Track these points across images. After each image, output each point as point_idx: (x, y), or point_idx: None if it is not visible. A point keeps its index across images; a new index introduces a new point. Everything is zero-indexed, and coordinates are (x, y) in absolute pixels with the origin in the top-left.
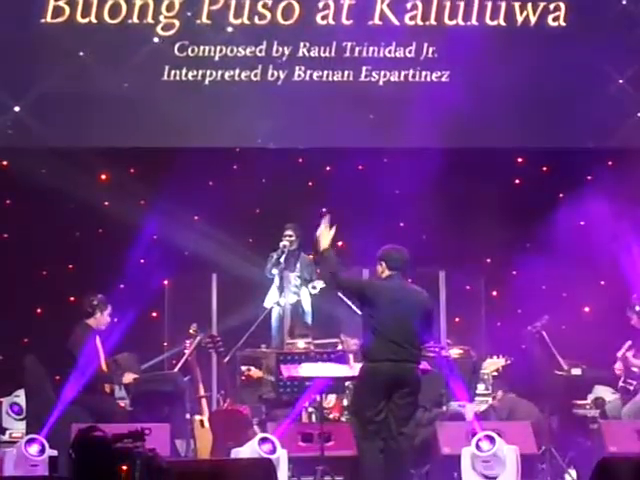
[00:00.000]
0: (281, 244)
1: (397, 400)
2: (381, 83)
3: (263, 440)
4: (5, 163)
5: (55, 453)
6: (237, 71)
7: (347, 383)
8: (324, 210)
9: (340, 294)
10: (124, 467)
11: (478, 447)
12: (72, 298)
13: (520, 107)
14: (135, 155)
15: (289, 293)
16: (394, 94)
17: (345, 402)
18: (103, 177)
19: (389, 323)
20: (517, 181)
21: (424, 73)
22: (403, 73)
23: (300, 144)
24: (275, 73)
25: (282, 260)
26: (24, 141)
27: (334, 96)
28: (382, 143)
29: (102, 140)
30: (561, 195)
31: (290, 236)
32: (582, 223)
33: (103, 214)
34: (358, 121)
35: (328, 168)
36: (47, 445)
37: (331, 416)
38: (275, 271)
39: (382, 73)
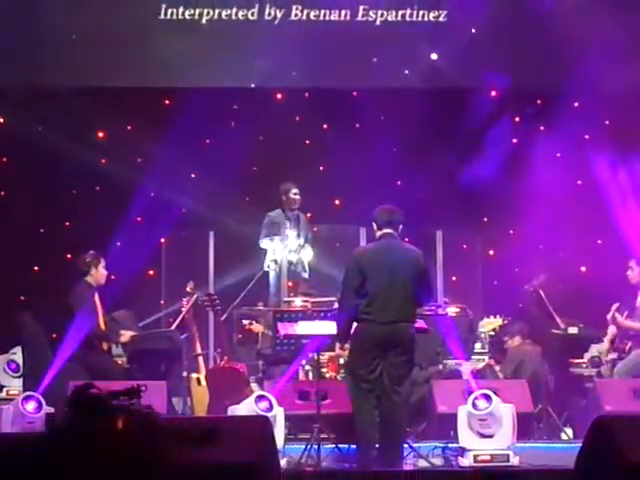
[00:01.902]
0: (294, 204)
1: (392, 359)
2: (378, 23)
3: (260, 398)
4: (1, 120)
5: (52, 410)
6: (234, 10)
7: None
8: None
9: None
10: (119, 423)
11: (474, 405)
12: (69, 256)
13: (516, 46)
14: (132, 111)
15: (289, 252)
16: (391, 34)
17: (341, 361)
18: (100, 135)
19: (382, 284)
20: (514, 140)
21: (421, 12)
22: (400, 12)
23: (298, 83)
24: (272, 12)
25: (292, 219)
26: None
27: (331, 36)
28: (380, 82)
29: (96, 79)
30: (558, 155)
31: (297, 194)
32: (579, 182)
33: (100, 172)
34: (356, 61)
35: (325, 126)
36: (44, 402)
37: (327, 375)
38: (277, 238)
39: (379, 12)
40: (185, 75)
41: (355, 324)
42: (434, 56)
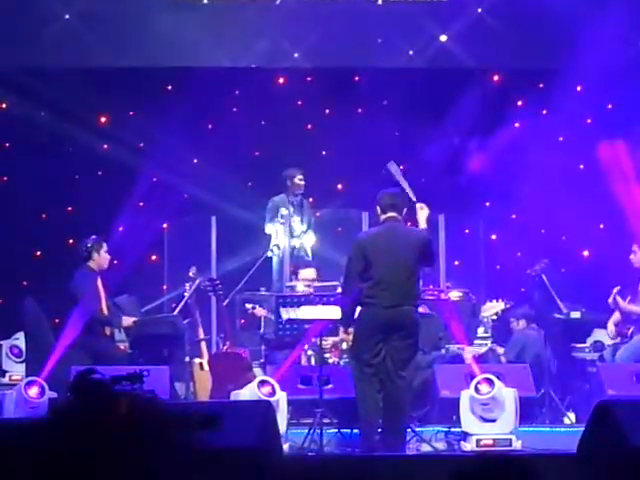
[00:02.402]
0: (299, 189)
1: (396, 343)
2: (380, 2)
3: (262, 383)
4: (4, 105)
5: (55, 395)
6: None
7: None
8: None
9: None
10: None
11: (477, 390)
12: (71, 241)
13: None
14: (134, 97)
15: (292, 237)
16: (394, 14)
17: (344, 345)
18: (103, 120)
19: (386, 268)
20: (517, 124)
21: None
22: None
23: (300, 64)
24: None
25: (296, 205)
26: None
27: (334, 16)
28: (383, 63)
29: (97, 60)
30: (561, 139)
31: (301, 180)
32: (581, 166)
33: (102, 157)
34: (359, 42)
35: (327, 111)
36: (47, 387)
37: (330, 359)
38: (281, 220)
39: None
40: (186, 55)
41: (359, 308)
42: (443, 38)
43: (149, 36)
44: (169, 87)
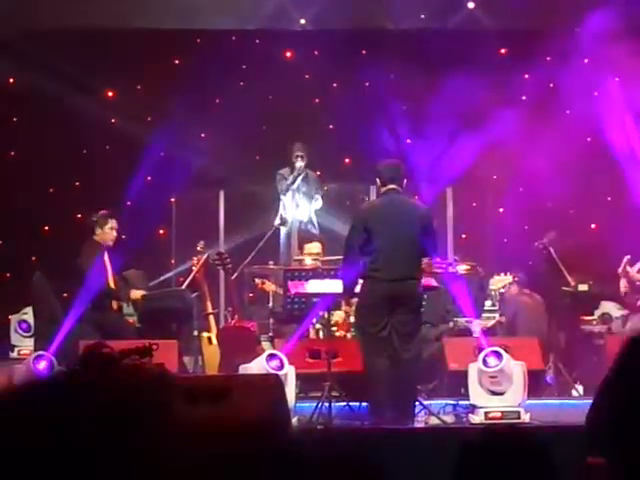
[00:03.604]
0: (297, 165)
1: (400, 316)
2: None
3: (271, 356)
4: (12, 80)
5: (63, 369)
6: None
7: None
8: None
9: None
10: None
11: (485, 363)
12: (79, 215)
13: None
14: (142, 71)
15: (298, 211)
16: None
17: (352, 319)
18: (110, 94)
19: (388, 240)
20: (524, 97)
21: None
22: None
23: (305, 25)
24: None
25: (299, 181)
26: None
27: None
28: (394, 24)
29: (99, 20)
30: (568, 112)
31: (302, 157)
32: (589, 139)
33: (110, 131)
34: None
35: (335, 85)
36: (55, 362)
37: (338, 333)
38: (289, 193)
39: None
40: (190, 16)
41: (362, 281)
42: (471, 5)
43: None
44: (176, 61)
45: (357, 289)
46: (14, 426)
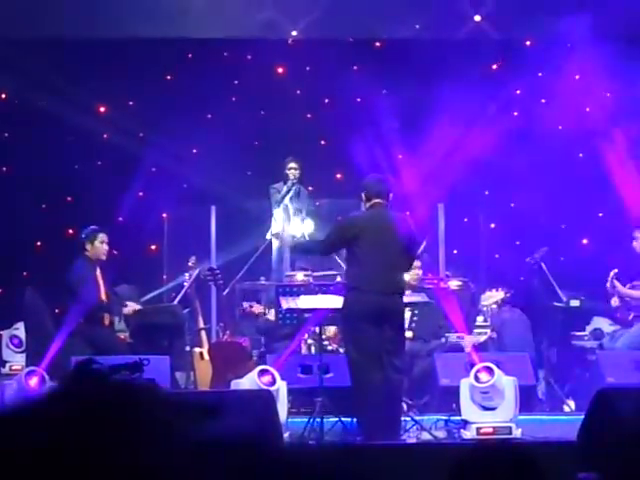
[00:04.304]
0: (290, 176)
1: (386, 332)
2: None
3: (262, 372)
4: (4, 95)
5: (55, 386)
6: None
7: None
8: None
9: (335, 255)
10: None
11: (477, 378)
12: (71, 231)
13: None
14: (134, 86)
15: (290, 226)
16: None
17: None
18: (102, 110)
19: (373, 253)
20: (515, 113)
21: None
22: None
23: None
24: None
25: (292, 194)
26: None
27: None
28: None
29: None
30: (560, 127)
31: (295, 169)
32: (581, 155)
33: (102, 146)
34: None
35: (327, 101)
36: (47, 377)
37: (330, 348)
38: (281, 207)
39: None
40: (185, 25)
41: (346, 294)
42: (477, 18)
43: (147, 5)
44: (169, 77)
45: (340, 303)
46: (4, 446)
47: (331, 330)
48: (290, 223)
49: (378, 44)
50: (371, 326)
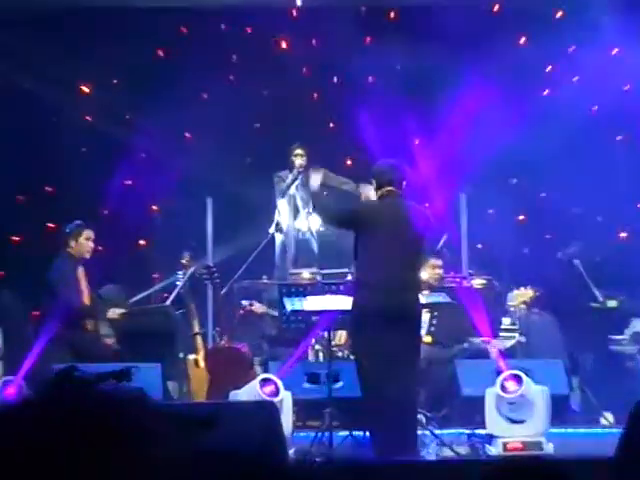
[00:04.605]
0: (296, 163)
1: (399, 335)
2: None
3: (265, 381)
4: None
5: (33, 396)
6: None
7: None
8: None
9: (338, 227)
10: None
11: (503, 388)
12: (51, 225)
13: None
14: (120, 63)
15: (296, 219)
16: None
17: None
18: (85, 89)
19: (385, 247)
20: (546, 91)
21: None
22: None
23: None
24: None
25: (297, 182)
26: None
27: None
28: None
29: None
30: (595, 108)
31: (302, 156)
32: (619, 138)
33: (85, 131)
34: None
35: (335, 79)
36: (25, 387)
37: (340, 354)
38: (286, 197)
39: None
40: None
41: (356, 293)
42: None
43: None
44: (160, 53)
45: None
46: None
47: (341, 335)
48: (296, 216)
49: (393, 14)
50: (383, 328)
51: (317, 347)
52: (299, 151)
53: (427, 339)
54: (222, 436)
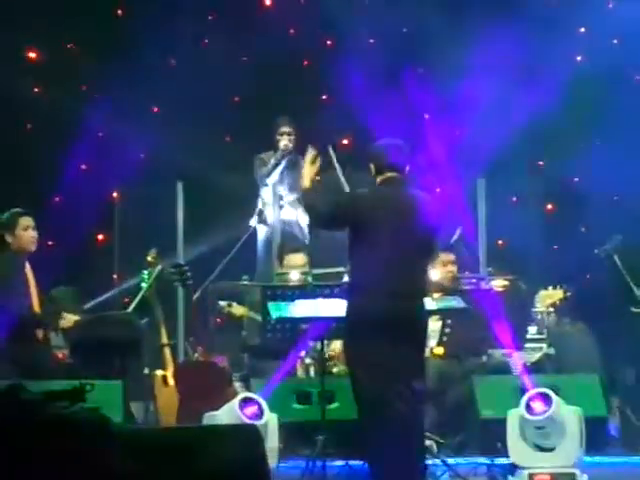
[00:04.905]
0: (281, 144)
1: (404, 347)
2: None
3: (246, 401)
4: None
5: None
6: None
7: None
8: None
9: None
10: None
11: (529, 409)
12: None
13: None
14: (74, 26)
15: (282, 209)
16: None
17: None
18: (32, 55)
19: (385, 243)
20: (579, 58)
21: None
22: None
23: None
24: None
25: (282, 166)
26: None
27: None
28: None
29: None
30: (638, 77)
31: (289, 134)
32: None
33: (32, 104)
34: None
35: (329, 42)
36: None
37: (334, 369)
38: (270, 180)
39: None
40: None
41: (351, 298)
42: None
43: None
44: (119, 11)
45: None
46: None
47: (336, 346)
48: (281, 206)
49: None
50: (383, 340)
51: (308, 361)
52: (285, 129)
53: (438, 351)
54: (195, 467)
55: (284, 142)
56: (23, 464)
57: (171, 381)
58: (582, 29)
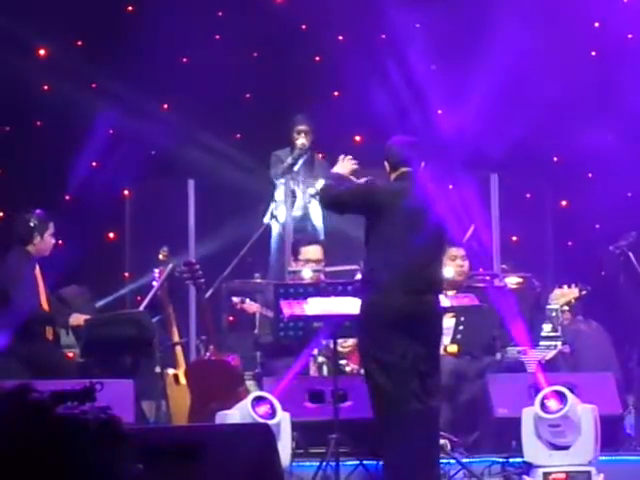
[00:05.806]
0: (298, 142)
1: (418, 345)
2: None
3: (258, 400)
4: None
5: None
6: None
7: None
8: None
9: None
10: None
11: (544, 407)
12: (1, 214)
13: None
14: (85, 23)
15: (295, 206)
16: None
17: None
18: (42, 52)
19: (399, 238)
20: (593, 53)
21: None
22: None
23: None
24: None
25: (300, 163)
26: None
27: None
28: None
29: None
30: None
31: (306, 132)
32: None
33: (42, 102)
34: None
35: (341, 37)
36: None
37: (347, 368)
38: (282, 180)
39: None
40: None
41: (366, 294)
42: None
43: None
44: (130, 8)
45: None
46: None
47: (349, 344)
48: (295, 203)
49: None
50: (399, 338)
51: (320, 359)
52: (302, 127)
53: (452, 349)
54: (207, 468)
55: (301, 140)
56: (32, 465)
57: (183, 380)
58: (596, 23)
